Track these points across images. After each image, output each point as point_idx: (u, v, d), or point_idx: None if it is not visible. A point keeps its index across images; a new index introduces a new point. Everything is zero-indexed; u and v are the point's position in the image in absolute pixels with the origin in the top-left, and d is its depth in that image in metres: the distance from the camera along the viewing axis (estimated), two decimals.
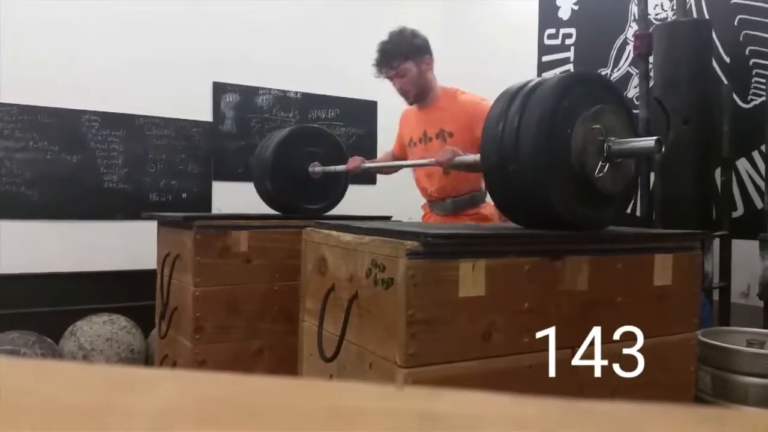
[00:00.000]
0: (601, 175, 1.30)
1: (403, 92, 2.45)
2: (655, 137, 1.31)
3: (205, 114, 3.98)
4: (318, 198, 2.61)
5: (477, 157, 1.55)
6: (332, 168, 2.55)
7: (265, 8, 4.13)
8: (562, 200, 1.30)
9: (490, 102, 1.43)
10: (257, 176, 2.62)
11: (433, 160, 2.02)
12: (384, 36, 2.45)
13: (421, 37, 2.44)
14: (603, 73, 3.60)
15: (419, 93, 2.44)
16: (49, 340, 3.27)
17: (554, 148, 1.29)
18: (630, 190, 1.46)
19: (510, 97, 1.37)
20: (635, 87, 3.26)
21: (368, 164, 2.52)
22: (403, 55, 2.39)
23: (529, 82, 1.39)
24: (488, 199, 2.38)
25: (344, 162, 2.52)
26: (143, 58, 3.71)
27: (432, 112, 2.45)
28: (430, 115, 2.46)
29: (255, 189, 2.62)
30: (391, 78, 2.44)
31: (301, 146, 2.55)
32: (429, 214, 2.57)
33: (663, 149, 1.31)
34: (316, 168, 2.55)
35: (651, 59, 2.90)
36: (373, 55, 2.44)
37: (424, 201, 2.62)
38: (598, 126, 1.31)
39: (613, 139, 1.32)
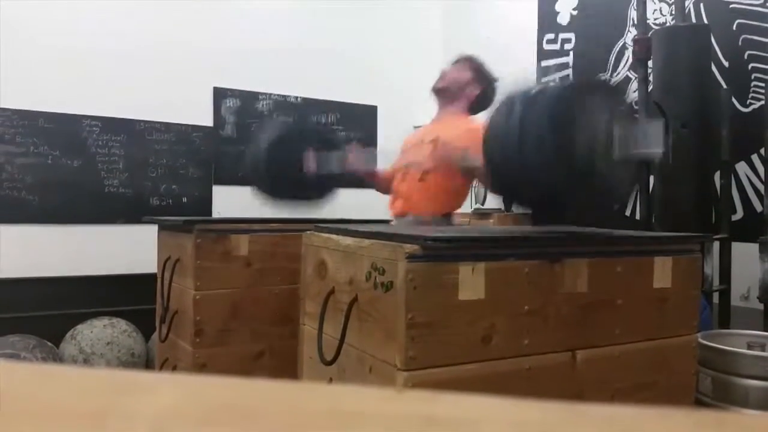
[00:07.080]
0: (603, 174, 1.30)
1: (440, 78, 2.40)
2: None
3: (206, 119, 3.98)
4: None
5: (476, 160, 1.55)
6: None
7: (265, 13, 4.14)
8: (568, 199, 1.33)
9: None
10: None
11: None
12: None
13: (489, 93, 2.36)
14: (602, 77, 3.60)
15: (444, 91, 2.36)
16: (49, 344, 3.27)
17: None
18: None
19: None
20: (634, 91, 3.26)
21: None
22: (475, 69, 2.36)
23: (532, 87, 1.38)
24: None
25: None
26: (144, 63, 3.71)
27: (436, 123, 2.40)
28: (432, 125, 2.40)
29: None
30: (451, 67, 2.41)
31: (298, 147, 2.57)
32: None
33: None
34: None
35: (650, 64, 2.90)
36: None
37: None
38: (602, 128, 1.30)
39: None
